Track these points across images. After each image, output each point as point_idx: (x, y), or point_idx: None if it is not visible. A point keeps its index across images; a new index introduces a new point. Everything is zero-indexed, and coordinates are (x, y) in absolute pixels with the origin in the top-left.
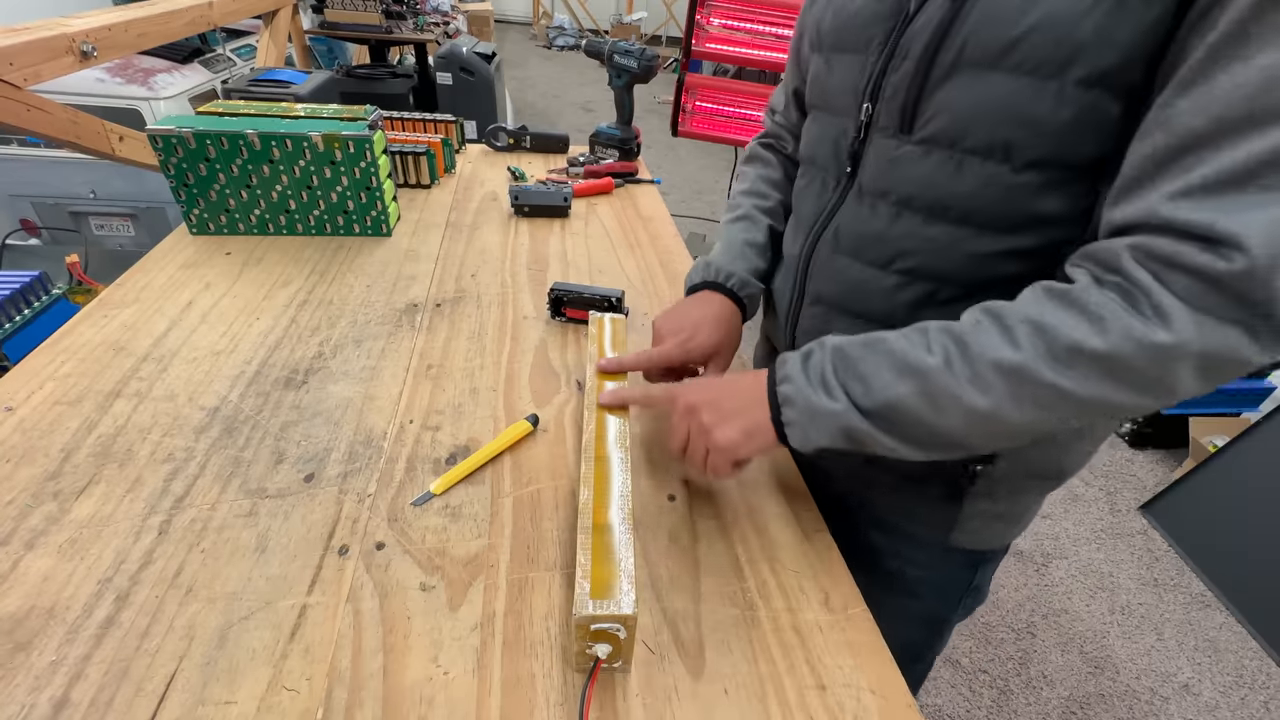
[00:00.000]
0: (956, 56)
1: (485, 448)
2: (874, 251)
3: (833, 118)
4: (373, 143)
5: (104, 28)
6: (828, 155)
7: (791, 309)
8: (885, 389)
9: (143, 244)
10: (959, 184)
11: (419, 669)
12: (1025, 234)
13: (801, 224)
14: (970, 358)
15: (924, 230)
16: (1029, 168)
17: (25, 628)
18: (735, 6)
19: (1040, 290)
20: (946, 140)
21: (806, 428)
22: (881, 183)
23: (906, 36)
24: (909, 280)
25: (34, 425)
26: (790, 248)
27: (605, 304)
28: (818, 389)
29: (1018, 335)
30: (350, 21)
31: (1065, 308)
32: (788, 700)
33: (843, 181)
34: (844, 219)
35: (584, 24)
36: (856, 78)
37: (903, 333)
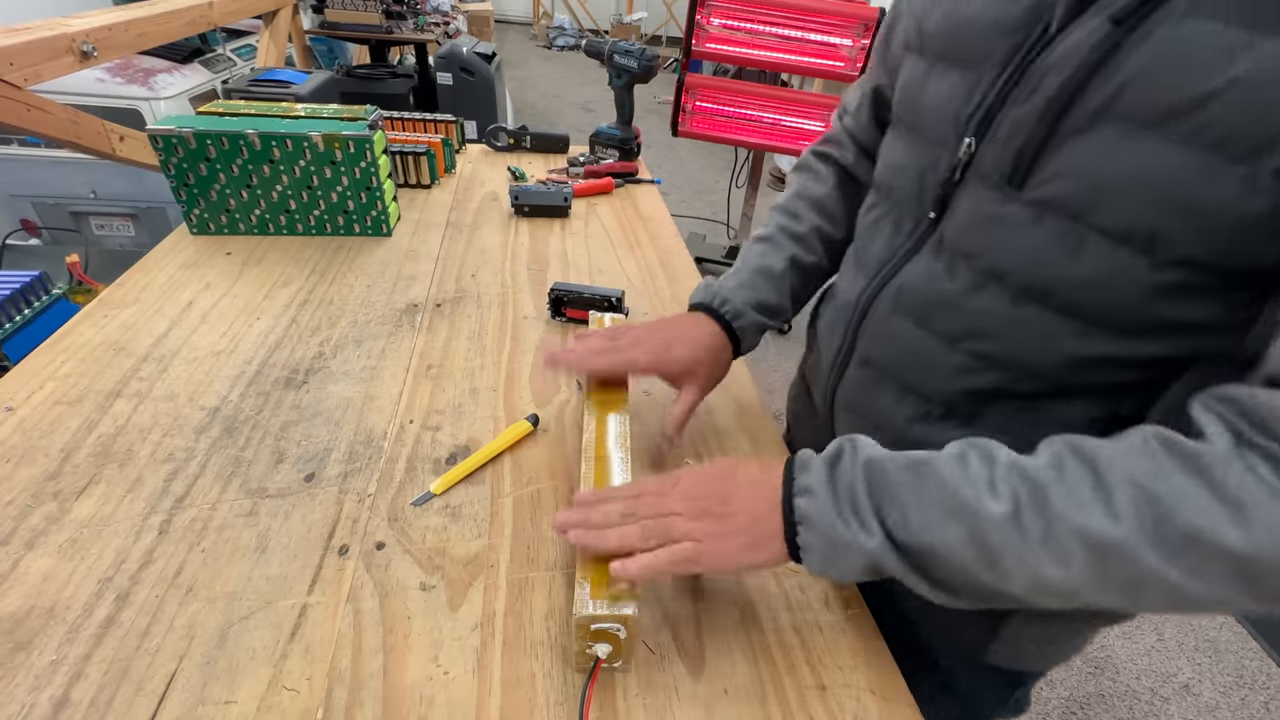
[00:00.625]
0: (1107, 103)
1: (485, 448)
2: (943, 321)
3: (922, 144)
4: (373, 143)
5: (104, 28)
6: (908, 190)
7: (837, 363)
8: (927, 529)
9: (143, 244)
10: (1074, 267)
11: (419, 669)
12: (1148, 341)
13: (863, 267)
14: (1048, 515)
15: (1013, 311)
16: (1176, 265)
17: (25, 627)
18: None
19: (1156, 442)
20: (1069, 209)
21: (828, 557)
22: (970, 242)
23: (1042, 63)
24: (980, 365)
25: (34, 425)
26: (846, 290)
27: (605, 304)
28: (846, 515)
29: (1118, 500)
30: (350, 21)
31: (1192, 477)
32: (788, 700)
33: (922, 227)
34: (914, 273)
35: (584, 24)
36: (961, 101)
37: (958, 454)
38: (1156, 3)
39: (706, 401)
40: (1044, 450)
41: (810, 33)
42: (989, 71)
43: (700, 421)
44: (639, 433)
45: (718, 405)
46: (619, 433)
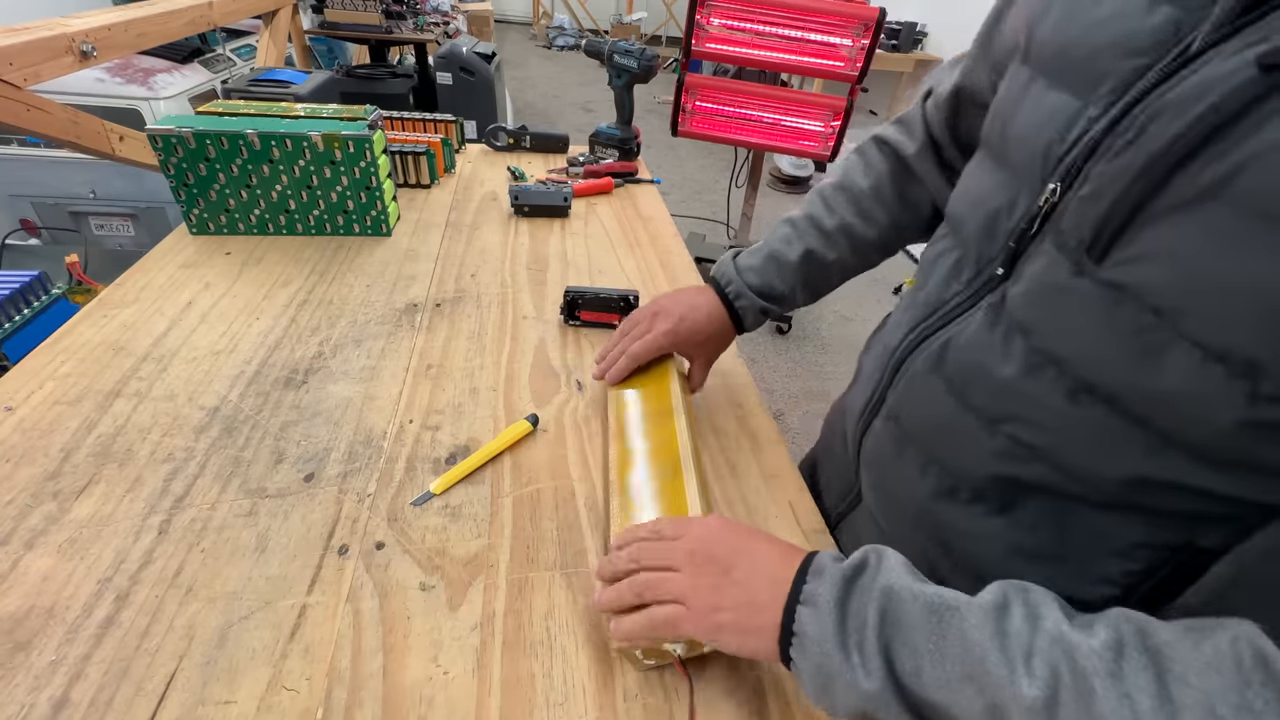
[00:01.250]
0: (1226, 178)
1: (485, 447)
2: (985, 395)
3: (1003, 178)
4: (372, 142)
5: (104, 27)
6: (977, 230)
7: (866, 409)
8: (943, 686)
9: (142, 244)
10: (1151, 375)
11: (419, 669)
12: (1236, 478)
13: (914, 305)
14: (1092, 717)
15: (1069, 406)
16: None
17: (25, 627)
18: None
19: (1249, 655)
20: (1153, 302)
21: (821, 686)
22: (1031, 312)
23: (1156, 99)
24: (1024, 455)
25: (34, 425)
26: (892, 327)
27: (621, 304)
28: (849, 648)
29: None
30: (350, 21)
31: None
32: (788, 700)
33: (984, 279)
34: (962, 331)
35: (584, 24)
36: (1057, 133)
37: (998, 604)
38: None
39: (708, 402)
40: (1102, 627)
41: (810, 33)
42: (1100, 100)
43: (701, 423)
44: None
45: (718, 406)
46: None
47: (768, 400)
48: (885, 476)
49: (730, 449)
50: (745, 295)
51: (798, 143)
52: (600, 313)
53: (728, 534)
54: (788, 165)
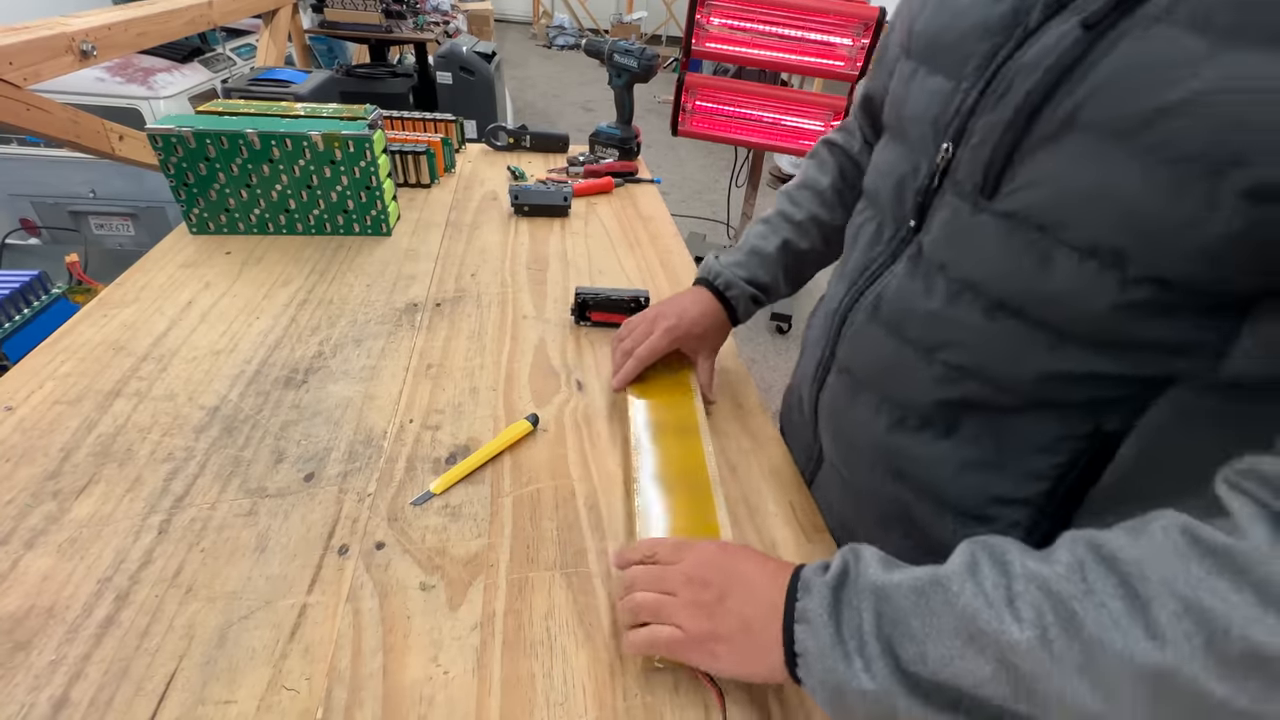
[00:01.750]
0: (1074, 112)
1: (485, 447)
2: (918, 331)
3: (905, 151)
4: (372, 142)
5: (104, 27)
6: (889, 197)
7: (819, 370)
8: (949, 662)
9: (142, 243)
10: (1044, 280)
11: (419, 668)
12: (1121, 358)
13: (846, 273)
14: (1083, 640)
15: (987, 324)
16: (1146, 283)
17: (25, 627)
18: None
19: (1181, 538)
20: (1037, 221)
21: (833, 699)
22: (944, 252)
23: (1013, 66)
24: (957, 376)
25: (34, 425)
26: (830, 296)
27: (632, 305)
28: (850, 654)
29: (1157, 616)
30: (350, 21)
31: (1233, 579)
32: (788, 700)
33: (901, 235)
34: (891, 283)
35: (584, 23)
36: (940, 107)
37: (969, 564)
38: (1129, 7)
39: (709, 405)
40: (1062, 552)
41: (810, 32)
42: (968, 76)
43: None
44: None
45: (718, 406)
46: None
47: (768, 400)
48: (842, 425)
49: (730, 449)
50: (735, 285)
51: (797, 142)
52: (611, 313)
53: (722, 559)
54: (787, 165)
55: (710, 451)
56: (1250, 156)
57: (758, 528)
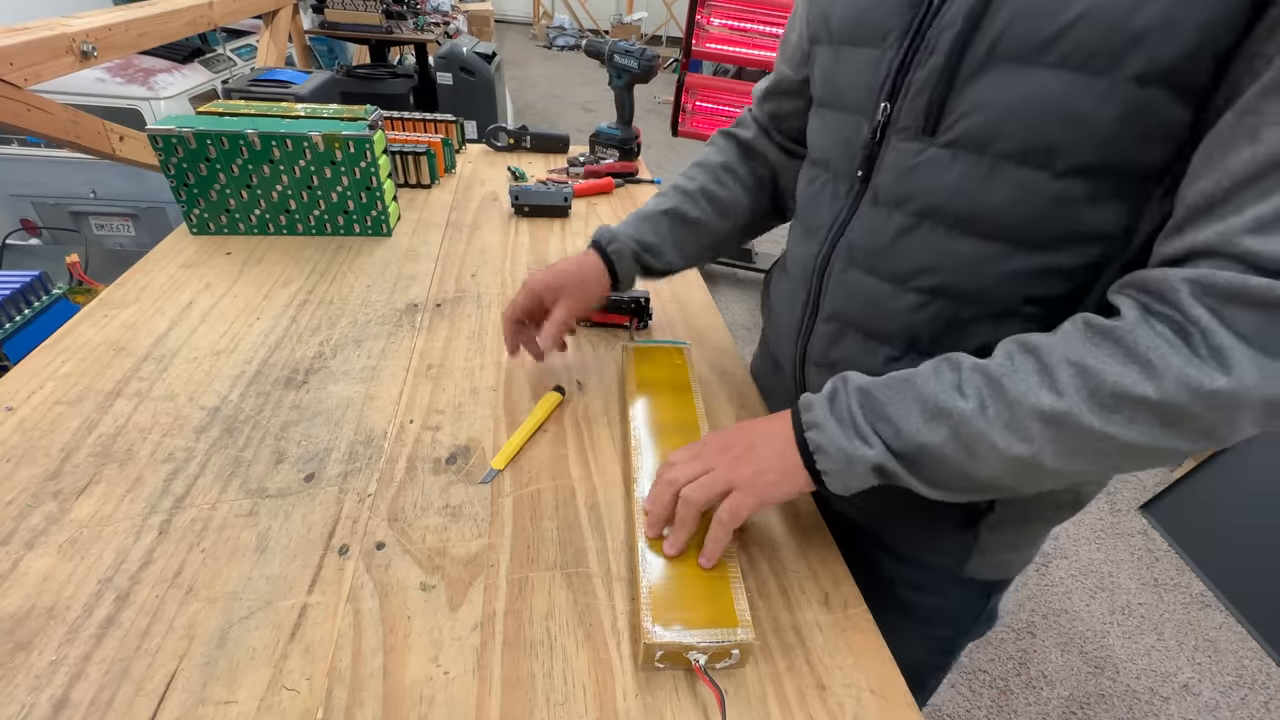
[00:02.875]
0: (990, 49)
1: (529, 419)
2: (890, 266)
3: (844, 116)
4: (373, 143)
5: (104, 27)
6: (839, 158)
7: (803, 325)
8: (916, 433)
9: (143, 244)
10: (990, 193)
11: (419, 669)
12: (1064, 251)
13: (812, 233)
14: (1007, 401)
15: (947, 244)
16: (1072, 174)
17: (25, 627)
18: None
19: (1082, 325)
20: (976, 143)
21: (845, 475)
22: (899, 190)
23: (935, 28)
24: (929, 299)
25: (34, 425)
26: (799, 258)
27: (633, 305)
28: (851, 435)
29: (1058, 378)
30: (350, 21)
31: (1111, 347)
32: (788, 700)
33: (855, 187)
34: (857, 229)
35: (584, 24)
36: (871, 75)
37: (933, 369)
38: None
39: (708, 402)
40: (999, 350)
41: None
42: (890, 46)
43: None
44: None
45: (718, 406)
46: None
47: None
48: (834, 367)
49: None
50: (618, 239)
51: None
52: (611, 314)
53: (734, 429)
54: None
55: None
56: (1136, 47)
57: (757, 525)
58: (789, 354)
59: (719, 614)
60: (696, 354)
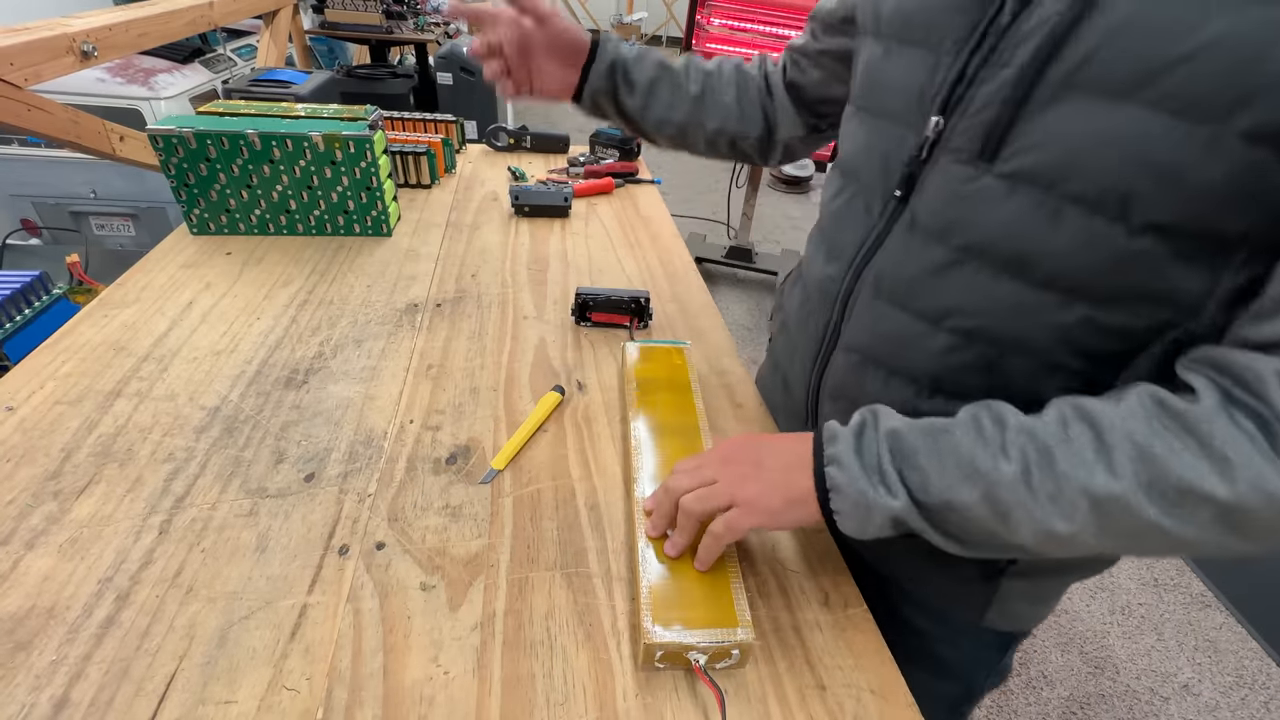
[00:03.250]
0: (1074, 74)
1: (529, 419)
2: (923, 301)
3: (886, 125)
4: (373, 143)
5: (104, 28)
6: (874, 172)
7: (820, 352)
8: (947, 489)
9: (143, 244)
10: (1050, 238)
11: (419, 669)
12: (1125, 309)
13: (836, 253)
14: (1055, 475)
15: (993, 286)
16: (1149, 230)
17: (25, 627)
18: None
19: (1151, 403)
20: (1042, 180)
21: (861, 521)
22: (943, 218)
23: (1010, 37)
24: (965, 342)
25: (34, 425)
26: (820, 278)
27: (633, 305)
28: (874, 481)
29: (1118, 459)
30: (351, 22)
31: (1183, 435)
32: (788, 700)
33: (890, 208)
34: (889, 256)
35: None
36: (924, 80)
37: (972, 420)
38: None
39: (708, 402)
40: (1050, 411)
41: None
42: (948, 50)
43: None
44: None
45: (718, 405)
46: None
47: None
48: (853, 400)
49: None
50: (611, 41)
51: None
52: (611, 314)
53: (743, 440)
54: (788, 165)
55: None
56: (1257, 98)
57: None
58: (802, 379)
59: (719, 614)
60: (696, 354)
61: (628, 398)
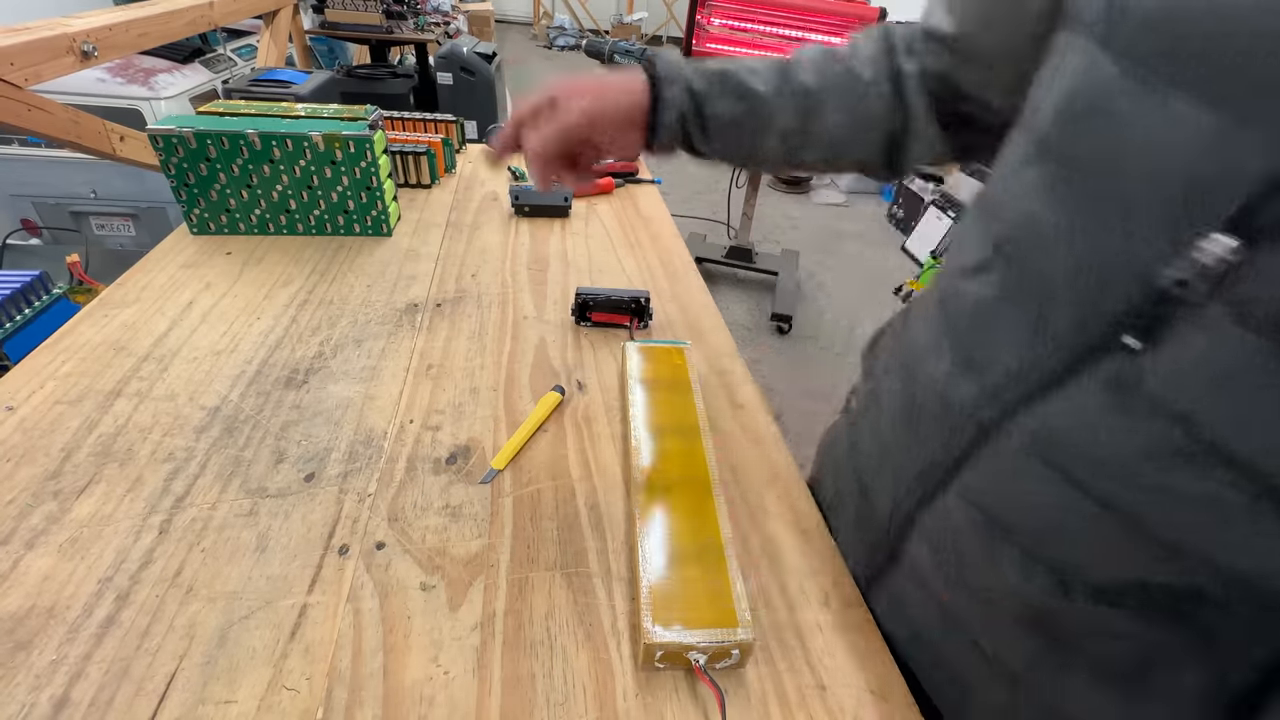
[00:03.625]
0: None
1: (529, 419)
2: (1125, 496)
3: (1112, 215)
4: (373, 142)
5: (105, 27)
6: (1074, 283)
7: (926, 487)
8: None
9: (143, 244)
10: None
11: (419, 669)
12: None
13: (975, 367)
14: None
15: (1244, 512)
16: None
17: (26, 627)
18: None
19: None
20: None
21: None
22: (1193, 401)
23: None
24: (1165, 555)
25: (34, 425)
26: (939, 388)
27: (633, 305)
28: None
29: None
30: (351, 21)
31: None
32: (788, 700)
33: (1092, 343)
34: (1077, 415)
35: (584, 24)
36: (1206, 161)
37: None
38: None
39: (708, 402)
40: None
41: (811, 32)
42: (1265, 116)
43: None
44: None
45: (718, 405)
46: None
47: (768, 400)
48: (964, 567)
49: (730, 449)
50: (673, 75)
51: None
52: (612, 314)
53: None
54: None
55: (710, 451)
56: None
57: (758, 527)
58: (888, 500)
59: (719, 614)
60: (697, 354)
61: (628, 398)
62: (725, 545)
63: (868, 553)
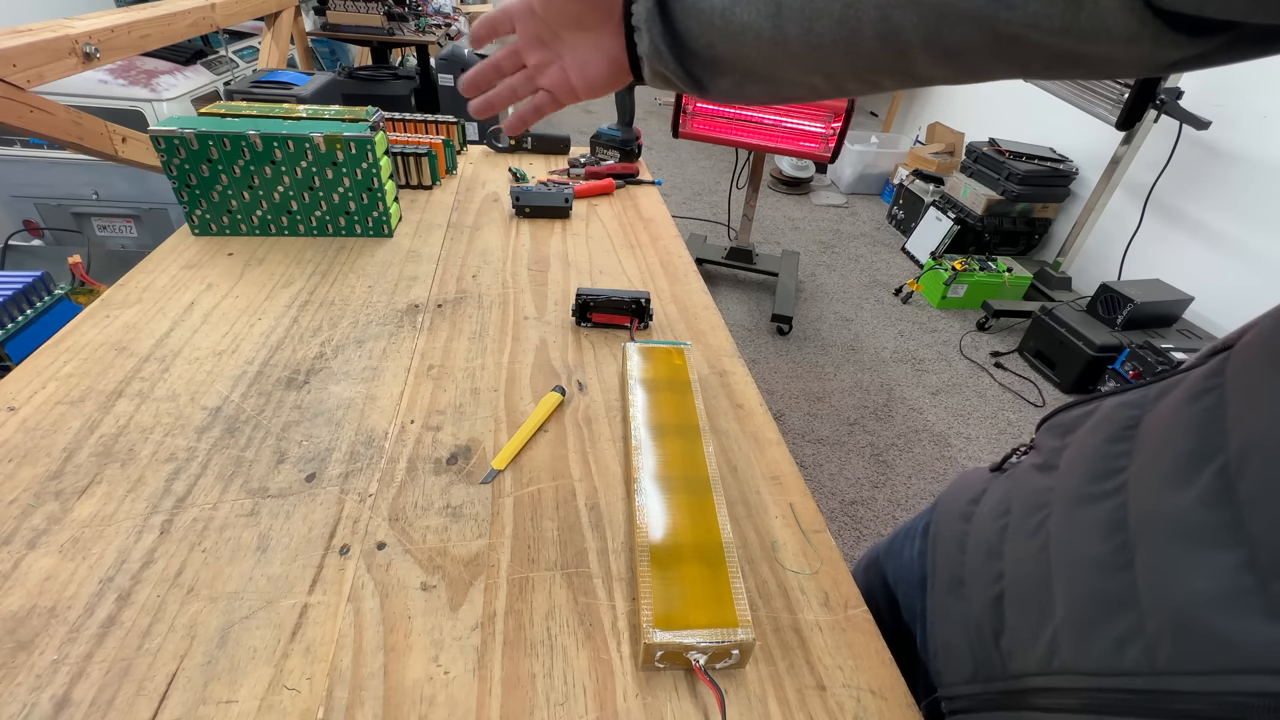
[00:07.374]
0: None
1: (530, 419)
2: None
3: None
4: (374, 144)
5: (107, 29)
6: None
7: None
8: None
9: (145, 245)
10: None
11: (419, 668)
12: None
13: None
14: None
15: None
16: None
17: (27, 627)
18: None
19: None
20: None
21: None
22: None
23: None
24: None
25: (36, 425)
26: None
27: (633, 306)
28: None
29: None
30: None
31: None
32: (788, 700)
33: None
34: None
35: None
36: None
37: None
38: None
39: (708, 403)
40: None
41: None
42: None
43: None
44: None
45: (718, 406)
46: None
47: (768, 401)
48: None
49: (730, 449)
50: None
51: (798, 144)
52: (612, 314)
53: None
54: (788, 166)
55: (710, 451)
56: None
57: (757, 528)
58: (975, 630)
59: (719, 614)
60: (697, 355)
61: (628, 398)
62: (725, 545)
63: (965, 669)
